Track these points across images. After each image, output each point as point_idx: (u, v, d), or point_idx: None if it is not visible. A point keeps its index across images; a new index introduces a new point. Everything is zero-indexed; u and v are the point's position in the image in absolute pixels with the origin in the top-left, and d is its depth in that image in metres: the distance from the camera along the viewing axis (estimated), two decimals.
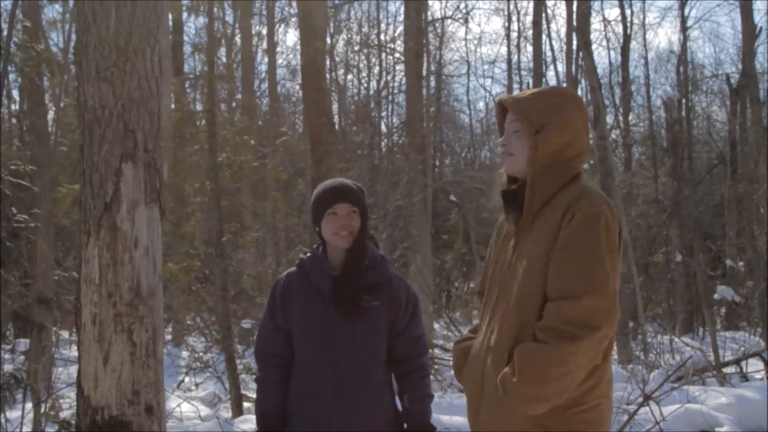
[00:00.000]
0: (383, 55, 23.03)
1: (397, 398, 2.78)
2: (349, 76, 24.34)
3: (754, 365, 10.21)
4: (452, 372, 8.97)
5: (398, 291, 2.73)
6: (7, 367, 6.25)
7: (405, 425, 2.72)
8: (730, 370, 9.71)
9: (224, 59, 19.06)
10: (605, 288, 2.07)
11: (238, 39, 19.91)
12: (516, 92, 2.43)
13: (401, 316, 2.72)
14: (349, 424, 2.61)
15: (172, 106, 11.77)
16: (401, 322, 2.73)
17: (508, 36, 22.50)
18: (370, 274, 2.70)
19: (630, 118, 20.67)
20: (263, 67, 21.99)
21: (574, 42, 13.88)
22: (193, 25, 38.34)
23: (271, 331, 2.75)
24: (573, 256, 2.10)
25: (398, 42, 21.58)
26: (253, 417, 7.69)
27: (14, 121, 16.41)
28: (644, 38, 30.17)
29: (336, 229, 2.68)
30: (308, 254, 2.80)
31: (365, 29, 23.72)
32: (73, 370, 4.52)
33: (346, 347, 2.64)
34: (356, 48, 23.71)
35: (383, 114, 24.28)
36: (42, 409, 6.40)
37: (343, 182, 2.79)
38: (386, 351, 2.72)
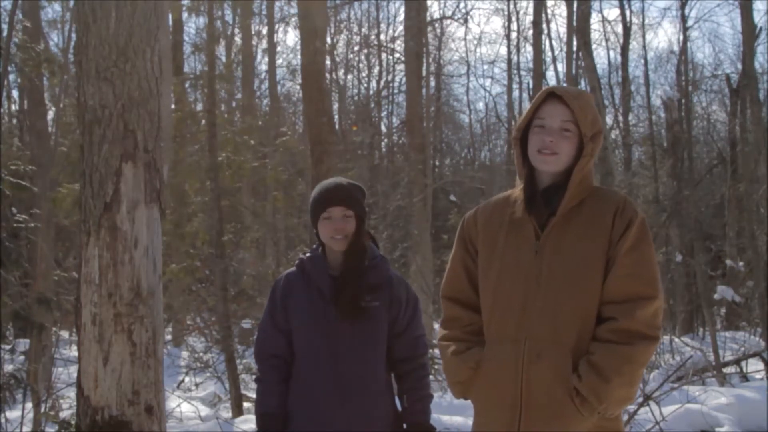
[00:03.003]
0: (383, 55, 23.05)
1: (396, 398, 2.78)
2: (349, 76, 24.36)
3: (754, 365, 10.21)
4: None
5: (398, 291, 2.72)
6: (7, 367, 6.25)
7: (405, 425, 2.72)
8: (730, 370, 9.71)
9: (224, 59, 19.08)
10: (662, 289, 2.21)
11: (238, 39, 19.93)
12: (565, 86, 2.41)
13: (401, 316, 2.72)
14: (349, 424, 2.61)
15: (172, 106, 11.77)
16: (401, 322, 2.72)
17: (508, 36, 22.51)
18: (371, 274, 2.69)
19: (630, 118, 20.65)
20: (263, 67, 21.99)
21: (574, 42, 13.88)
22: (194, 25, 38.32)
23: (271, 332, 2.74)
24: (642, 260, 2.17)
25: (398, 42, 21.59)
26: (253, 417, 7.67)
27: (14, 121, 16.42)
28: (644, 38, 30.18)
29: (331, 233, 2.68)
30: (308, 254, 2.79)
31: (365, 29, 23.74)
32: (73, 370, 4.52)
33: (346, 347, 2.64)
34: (356, 48, 23.72)
35: (383, 114, 24.29)
36: (42, 409, 6.40)
37: (338, 184, 2.75)
38: (386, 351, 2.72)
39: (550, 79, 18.58)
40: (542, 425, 2.15)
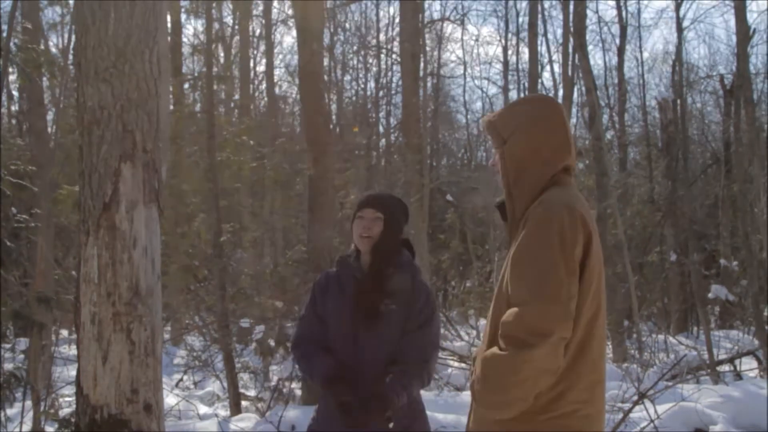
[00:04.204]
0: (381, 56, 23.07)
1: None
2: (347, 77, 24.38)
3: (747, 363, 10.25)
4: (448, 371, 8.87)
5: (418, 298, 2.82)
6: (7, 366, 6.27)
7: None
8: (724, 368, 9.76)
9: (222, 60, 19.12)
10: (557, 292, 1.99)
11: (236, 40, 19.95)
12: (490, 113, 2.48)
13: (412, 320, 2.81)
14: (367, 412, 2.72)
15: (171, 106, 11.79)
16: (411, 326, 2.81)
17: (504, 37, 22.53)
18: (394, 279, 2.81)
19: (625, 118, 20.72)
20: (261, 68, 22.03)
21: (570, 43, 13.94)
22: (192, 27, 38.34)
23: (314, 320, 2.91)
24: (524, 262, 2.07)
25: (395, 43, 21.60)
26: (250, 416, 7.74)
27: (14, 121, 16.43)
28: (639, 39, 30.20)
29: (359, 231, 2.85)
30: (346, 254, 2.97)
31: (362, 30, 23.76)
32: (73, 368, 4.56)
33: (365, 346, 2.78)
34: (354, 49, 23.74)
35: (381, 114, 24.31)
36: (42, 408, 6.42)
37: (378, 192, 3.10)
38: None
39: (546, 80, 18.64)
40: (474, 420, 2.25)
